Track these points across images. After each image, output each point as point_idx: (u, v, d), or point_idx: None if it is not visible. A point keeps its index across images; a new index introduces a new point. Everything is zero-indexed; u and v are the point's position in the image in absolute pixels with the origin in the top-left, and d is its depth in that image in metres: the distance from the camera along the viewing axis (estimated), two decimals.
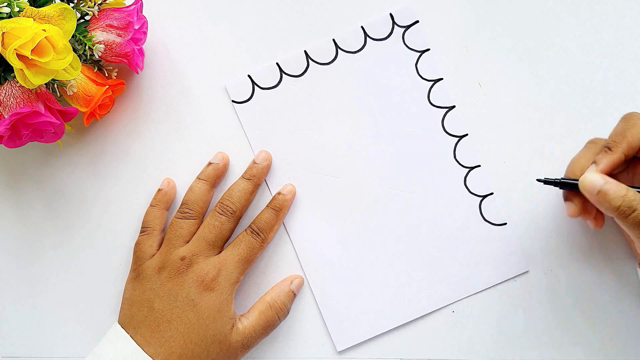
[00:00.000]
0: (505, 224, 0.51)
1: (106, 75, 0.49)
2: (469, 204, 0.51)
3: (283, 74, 0.52)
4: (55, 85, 0.46)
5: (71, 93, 0.46)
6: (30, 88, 0.44)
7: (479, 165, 0.52)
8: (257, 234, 0.49)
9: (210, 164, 0.51)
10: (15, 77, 0.43)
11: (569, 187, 0.43)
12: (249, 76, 0.52)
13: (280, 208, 0.50)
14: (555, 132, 0.52)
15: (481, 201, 0.51)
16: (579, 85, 0.52)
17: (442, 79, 0.52)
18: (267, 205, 0.50)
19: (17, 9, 0.43)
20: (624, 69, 0.52)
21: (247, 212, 0.51)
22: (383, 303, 0.51)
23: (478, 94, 0.52)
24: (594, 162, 0.43)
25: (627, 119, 0.43)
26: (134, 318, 0.47)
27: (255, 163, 0.51)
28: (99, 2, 0.47)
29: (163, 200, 0.51)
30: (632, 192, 0.40)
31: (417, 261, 0.51)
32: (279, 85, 0.52)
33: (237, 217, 0.50)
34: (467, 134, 0.52)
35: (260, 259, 0.52)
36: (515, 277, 0.51)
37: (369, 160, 0.51)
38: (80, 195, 0.52)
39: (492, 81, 0.52)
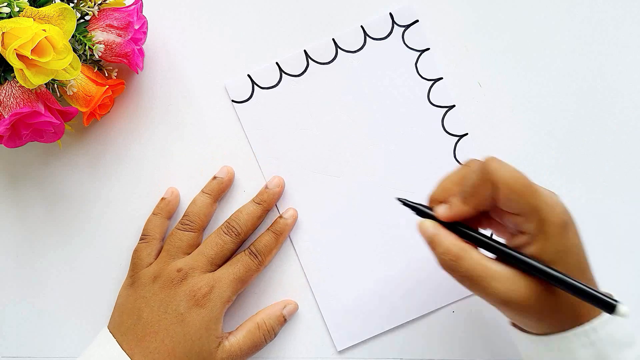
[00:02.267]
0: None
1: (106, 75, 0.49)
2: None
3: (283, 74, 0.52)
4: (55, 85, 0.46)
5: (71, 93, 0.46)
6: (30, 88, 0.44)
7: None
8: (255, 255, 0.49)
9: (215, 177, 0.51)
10: (15, 77, 0.43)
11: (422, 214, 0.42)
12: (248, 76, 0.52)
13: (280, 232, 0.50)
14: (555, 131, 0.52)
15: None
16: (578, 85, 0.52)
17: (442, 78, 0.52)
18: (268, 228, 0.50)
19: (17, 9, 0.43)
20: (624, 69, 0.52)
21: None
22: (383, 303, 0.51)
23: (478, 94, 0.52)
24: (450, 202, 0.40)
25: (484, 172, 0.38)
26: (123, 325, 0.47)
27: (267, 188, 0.50)
28: (99, 2, 0.47)
29: (165, 209, 0.51)
30: (456, 248, 0.38)
31: (417, 261, 0.51)
32: (279, 84, 0.52)
33: (242, 240, 0.50)
34: (467, 134, 0.52)
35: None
36: None
37: (368, 159, 0.51)
38: (80, 195, 0.52)
39: (492, 81, 0.52)
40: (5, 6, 0.42)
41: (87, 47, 0.46)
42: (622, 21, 0.52)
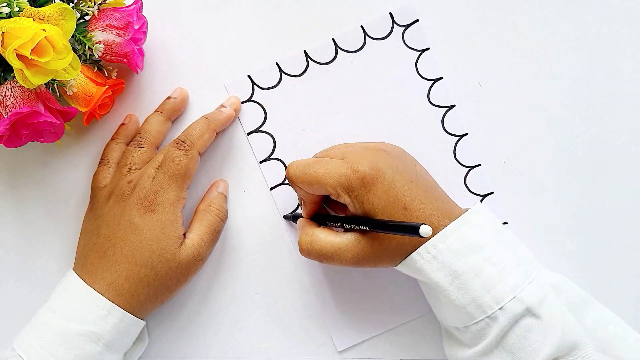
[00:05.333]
0: (505, 223, 0.51)
1: (106, 75, 0.49)
2: (470, 204, 0.51)
3: (283, 74, 0.52)
4: (55, 85, 0.46)
5: (71, 93, 0.46)
6: (30, 88, 0.44)
7: (479, 165, 0.52)
8: (182, 143, 0.48)
9: (169, 98, 0.51)
10: (15, 77, 0.43)
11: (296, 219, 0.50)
12: (248, 76, 0.52)
13: (212, 118, 0.50)
14: (555, 131, 0.52)
15: (481, 200, 0.51)
16: (578, 84, 0.52)
17: (442, 78, 0.52)
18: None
19: (17, 9, 0.43)
20: (624, 69, 0.52)
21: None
22: (383, 303, 0.51)
23: (478, 94, 0.52)
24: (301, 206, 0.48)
25: (288, 179, 0.46)
26: (86, 247, 0.48)
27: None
28: (99, 2, 0.47)
29: (123, 134, 0.51)
30: (307, 235, 0.45)
31: None
32: (279, 85, 0.52)
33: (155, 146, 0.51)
34: (467, 133, 0.52)
35: (261, 258, 0.51)
36: None
37: None
38: (80, 195, 0.52)
39: (492, 81, 0.52)
40: (5, 6, 0.42)
41: (87, 47, 0.46)
42: (622, 21, 0.52)
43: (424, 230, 0.37)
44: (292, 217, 0.51)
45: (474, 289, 0.41)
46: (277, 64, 0.52)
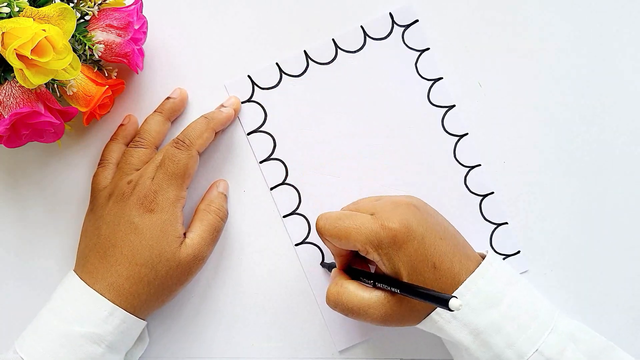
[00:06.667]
0: (505, 223, 0.51)
1: (106, 75, 0.49)
2: (469, 203, 0.51)
3: (283, 74, 0.52)
4: (55, 85, 0.46)
5: (71, 93, 0.46)
6: (30, 88, 0.44)
7: (479, 165, 0.52)
8: (181, 142, 0.48)
9: (168, 98, 0.51)
10: (15, 77, 0.43)
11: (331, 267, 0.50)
12: (248, 76, 0.52)
13: (210, 117, 0.49)
14: (555, 131, 0.52)
15: (481, 200, 0.51)
16: (578, 84, 0.52)
17: (442, 78, 0.52)
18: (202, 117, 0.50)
19: (17, 9, 0.43)
20: (624, 69, 0.52)
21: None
22: None
23: (478, 94, 0.52)
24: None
25: (317, 233, 0.46)
26: (86, 247, 0.48)
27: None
28: (99, 2, 0.47)
29: (122, 134, 0.51)
30: (337, 286, 0.45)
31: None
32: (279, 85, 0.52)
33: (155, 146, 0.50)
34: (467, 133, 0.52)
35: (261, 258, 0.51)
36: None
37: (368, 159, 0.51)
38: (81, 196, 0.52)
39: (492, 81, 0.52)
40: (5, 6, 0.42)
41: (87, 47, 0.46)
42: (622, 21, 0.52)
43: (454, 304, 0.37)
44: (328, 266, 0.51)
45: (496, 345, 0.42)
46: (277, 64, 0.52)
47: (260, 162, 0.52)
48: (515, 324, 0.42)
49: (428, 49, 0.52)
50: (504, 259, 0.51)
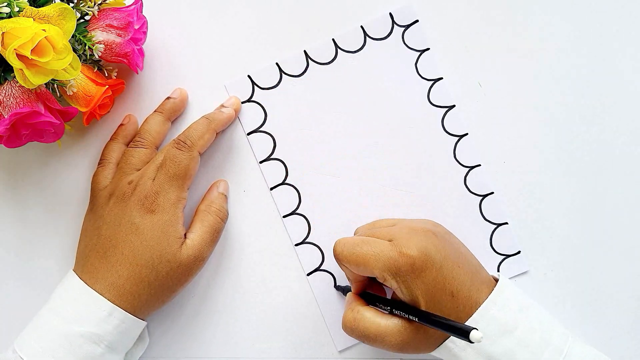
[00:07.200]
0: (505, 223, 0.51)
1: (106, 75, 0.49)
2: (469, 204, 0.51)
3: (283, 74, 0.52)
4: (55, 85, 0.46)
5: (71, 93, 0.46)
6: (30, 88, 0.44)
7: (479, 165, 0.52)
8: (182, 143, 0.48)
9: (168, 98, 0.51)
10: (15, 77, 0.43)
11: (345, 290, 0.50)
12: (248, 76, 0.52)
13: (211, 118, 0.49)
14: (555, 131, 0.52)
15: (481, 200, 0.51)
16: (578, 84, 0.52)
17: (442, 78, 0.52)
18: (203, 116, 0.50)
19: (17, 9, 0.43)
20: (624, 69, 0.52)
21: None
22: None
23: (478, 94, 0.52)
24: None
25: (335, 258, 0.46)
26: (86, 247, 0.48)
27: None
28: (99, 2, 0.47)
29: (122, 134, 0.51)
30: (354, 312, 0.45)
31: None
32: (279, 85, 0.52)
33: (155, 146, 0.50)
34: (467, 134, 0.52)
35: (261, 258, 0.51)
36: (515, 276, 0.51)
37: (368, 159, 0.51)
38: (81, 196, 0.52)
39: (492, 81, 0.52)
40: (5, 6, 0.42)
41: (87, 47, 0.46)
42: (622, 21, 0.52)
43: (475, 337, 0.36)
44: (342, 289, 0.50)
45: None
46: (277, 64, 0.52)
47: (260, 162, 0.52)
48: (528, 352, 0.42)
49: (428, 49, 0.52)
50: (504, 259, 0.51)
